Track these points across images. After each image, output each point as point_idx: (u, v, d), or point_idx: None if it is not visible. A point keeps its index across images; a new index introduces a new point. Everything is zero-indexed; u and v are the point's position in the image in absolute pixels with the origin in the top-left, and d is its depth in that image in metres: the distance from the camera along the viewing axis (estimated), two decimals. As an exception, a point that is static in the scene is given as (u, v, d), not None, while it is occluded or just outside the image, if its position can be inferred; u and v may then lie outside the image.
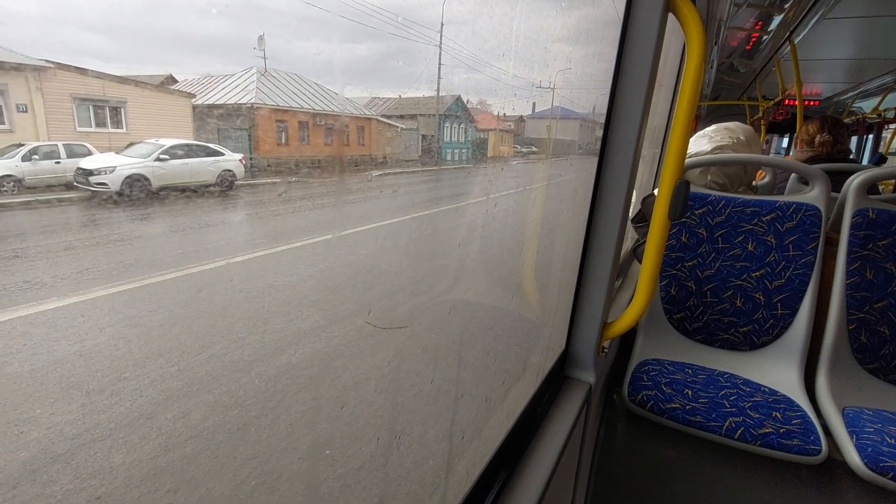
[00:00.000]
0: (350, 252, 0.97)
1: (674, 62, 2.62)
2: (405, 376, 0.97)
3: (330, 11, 0.55)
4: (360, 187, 1.03)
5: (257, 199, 0.91)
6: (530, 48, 0.98)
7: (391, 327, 0.97)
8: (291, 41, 0.55)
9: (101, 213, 0.68)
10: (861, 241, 1.65)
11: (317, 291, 1.18)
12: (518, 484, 0.86)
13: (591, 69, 1.18)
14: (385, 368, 1.12)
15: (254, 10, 0.51)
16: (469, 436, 0.86)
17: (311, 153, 0.94)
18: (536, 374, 1.11)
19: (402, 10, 0.73)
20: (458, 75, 0.94)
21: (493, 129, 1.48)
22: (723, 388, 1.55)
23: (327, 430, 0.96)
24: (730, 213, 1.78)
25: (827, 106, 7.03)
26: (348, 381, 1.17)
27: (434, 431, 0.85)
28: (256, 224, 0.96)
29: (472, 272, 1.17)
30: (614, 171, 1.10)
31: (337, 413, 0.99)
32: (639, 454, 1.59)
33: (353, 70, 0.66)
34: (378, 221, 1.01)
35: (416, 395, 0.92)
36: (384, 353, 1.09)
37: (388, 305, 1.01)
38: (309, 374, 1.11)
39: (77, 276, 0.69)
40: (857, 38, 3.74)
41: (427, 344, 0.99)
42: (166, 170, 0.74)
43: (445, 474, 0.79)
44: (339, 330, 1.20)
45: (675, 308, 1.83)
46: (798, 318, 1.67)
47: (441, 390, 0.87)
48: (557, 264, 1.27)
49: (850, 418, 1.40)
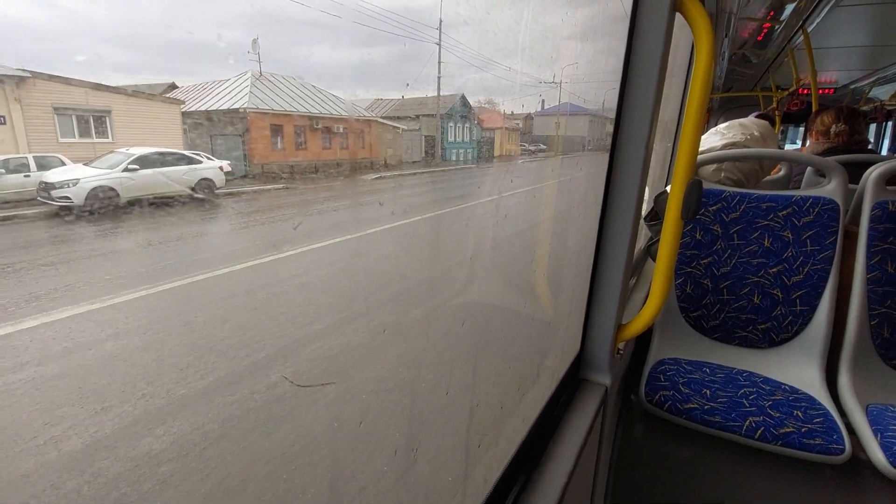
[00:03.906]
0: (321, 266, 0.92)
1: (684, 54, 2.58)
2: (422, 384, 0.95)
3: (342, 17, 0.54)
4: (359, 191, 0.98)
5: (238, 210, 0.86)
6: (539, 46, 0.96)
7: (312, 385, 0.91)
8: (301, 47, 0.55)
9: (60, 229, 0.62)
10: (881, 234, 1.61)
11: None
12: (536, 489, 0.85)
13: (601, 65, 1.16)
14: (400, 379, 1.07)
15: (265, 19, 0.50)
16: (486, 443, 0.85)
17: (308, 158, 0.91)
18: (551, 377, 1.10)
19: (409, 12, 0.72)
20: (468, 75, 0.93)
21: (499, 128, 1.46)
22: (742, 387, 1.52)
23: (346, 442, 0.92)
24: (745, 208, 1.74)
25: (843, 94, 6.88)
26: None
27: (451, 440, 0.84)
28: (231, 237, 0.90)
29: (482, 277, 1.15)
30: (626, 168, 1.08)
31: (355, 427, 0.95)
32: (657, 455, 1.57)
33: (360, 73, 0.66)
34: (368, 229, 0.95)
35: (433, 401, 0.90)
36: (397, 362, 1.05)
37: (398, 312, 0.97)
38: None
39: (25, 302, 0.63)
40: (872, 24, 3.65)
41: (441, 349, 0.97)
42: (136, 180, 0.69)
43: (463, 481, 0.78)
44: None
45: (691, 306, 1.80)
46: (818, 315, 1.64)
47: (456, 398, 0.85)
48: (570, 265, 1.25)
49: (874, 416, 1.36)
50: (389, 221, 0.95)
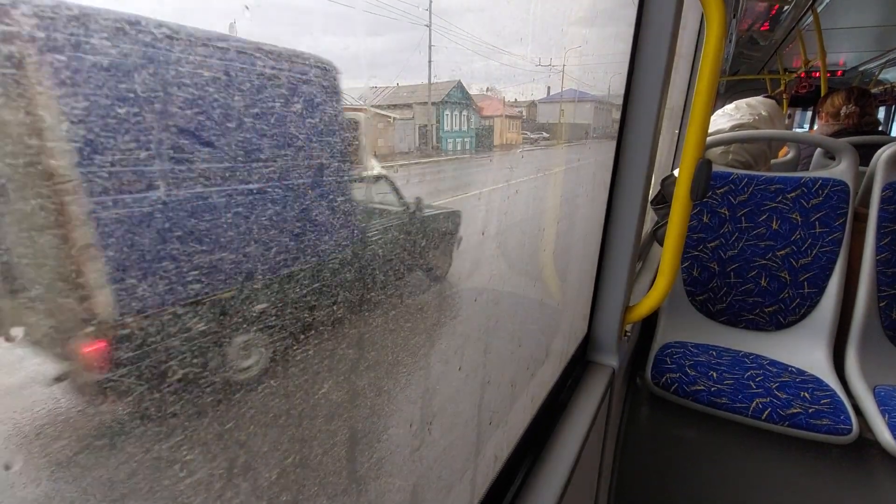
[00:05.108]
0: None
1: (691, 36, 2.54)
2: (435, 364, 0.97)
3: (355, 7, 0.55)
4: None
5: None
6: (544, 32, 0.96)
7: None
8: (305, 36, 0.55)
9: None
10: (891, 216, 1.60)
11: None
12: (544, 467, 0.87)
13: (609, 50, 1.16)
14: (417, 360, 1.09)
15: (282, 10, 0.51)
16: (496, 421, 0.87)
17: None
18: (559, 359, 1.12)
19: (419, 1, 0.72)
20: (468, 62, 0.92)
21: (499, 116, 1.44)
22: (749, 369, 1.53)
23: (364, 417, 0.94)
24: (753, 191, 1.74)
25: (853, 76, 6.77)
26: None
27: (463, 417, 0.86)
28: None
29: (492, 261, 1.17)
30: (633, 152, 1.09)
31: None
32: (663, 437, 1.59)
33: (362, 61, 0.66)
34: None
35: (446, 381, 0.92)
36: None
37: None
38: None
39: None
40: (884, 4, 3.58)
41: (454, 331, 0.99)
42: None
43: (475, 458, 0.80)
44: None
45: (697, 290, 1.81)
46: (826, 297, 1.64)
47: (469, 377, 0.87)
48: (577, 249, 1.26)
49: (882, 397, 1.37)
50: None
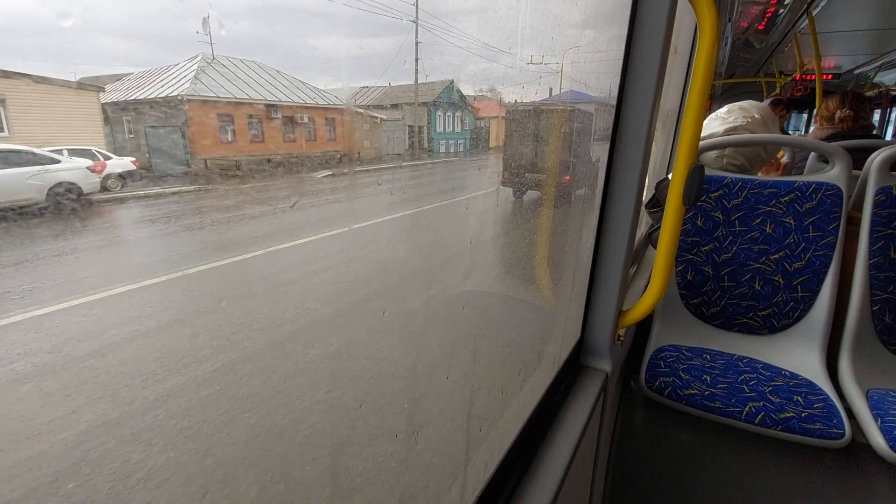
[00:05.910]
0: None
1: (686, 39, 2.54)
2: (422, 370, 0.96)
3: (354, 7, 0.53)
4: (303, 191, 0.83)
5: (107, 223, 0.72)
6: (541, 34, 0.95)
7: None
8: (305, 37, 0.54)
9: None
10: (884, 220, 1.60)
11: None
12: (537, 473, 0.86)
13: (603, 52, 1.15)
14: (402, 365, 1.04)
15: (275, 11, 0.50)
16: (486, 427, 0.86)
17: (265, 151, 0.81)
18: (552, 363, 1.11)
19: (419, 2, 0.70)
20: (464, 63, 0.91)
21: (495, 117, 1.43)
22: (742, 373, 1.53)
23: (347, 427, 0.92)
24: (746, 195, 1.73)
25: (847, 80, 6.81)
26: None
27: (452, 424, 0.85)
28: (81, 264, 0.72)
29: (482, 265, 1.15)
30: (627, 155, 1.08)
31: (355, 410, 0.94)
32: (657, 441, 1.58)
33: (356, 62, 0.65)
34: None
35: (434, 388, 0.90)
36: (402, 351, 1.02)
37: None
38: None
39: None
40: (879, 7, 3.59)
41: (443, 337, 0.97)
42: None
43: (464, 465, 0.79)
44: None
45: (691, 293, 1.81)
46: (819, 301, 1.64)
47: (458, 383, 0.86)
48: (571, 253, 1.25)
49: (875, 401, 1.37)
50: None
